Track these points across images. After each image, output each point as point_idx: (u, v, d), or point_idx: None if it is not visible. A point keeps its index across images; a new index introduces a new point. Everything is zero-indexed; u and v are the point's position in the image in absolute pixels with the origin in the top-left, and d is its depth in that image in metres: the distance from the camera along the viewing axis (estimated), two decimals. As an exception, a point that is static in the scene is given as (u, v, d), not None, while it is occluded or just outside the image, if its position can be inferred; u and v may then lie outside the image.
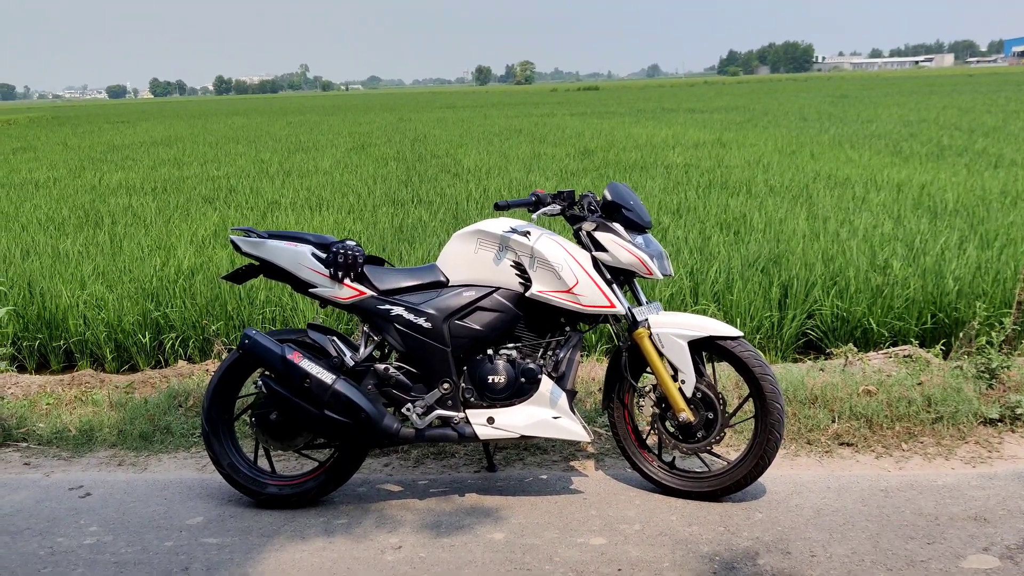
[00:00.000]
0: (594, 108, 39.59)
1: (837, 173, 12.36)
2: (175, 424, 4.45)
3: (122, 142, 26.02)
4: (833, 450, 3.95)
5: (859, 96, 41.36)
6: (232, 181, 14.63)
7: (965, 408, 4.11)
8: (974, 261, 6.53)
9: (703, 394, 3.44)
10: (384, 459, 4.04)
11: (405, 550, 3.19)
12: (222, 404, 3.63)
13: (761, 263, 6.86)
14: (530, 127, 25.99)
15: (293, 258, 3.52)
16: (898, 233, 7.68)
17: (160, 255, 8.13)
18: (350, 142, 23.09)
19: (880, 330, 5.90)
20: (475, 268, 3.51)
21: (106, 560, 3.19)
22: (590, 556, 3.10)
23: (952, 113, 24.87)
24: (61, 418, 4.63)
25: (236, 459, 3.61)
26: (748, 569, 2.98)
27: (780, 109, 31.77)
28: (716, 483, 3.47)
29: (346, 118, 38.06)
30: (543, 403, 3.45)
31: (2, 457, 4.26)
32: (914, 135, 18.17)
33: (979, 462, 3.78)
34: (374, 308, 3.51)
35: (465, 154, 17.87)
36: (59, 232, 10.15)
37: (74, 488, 3.85)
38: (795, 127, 22.02)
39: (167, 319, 6.50)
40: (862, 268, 6.44)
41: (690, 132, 21.53)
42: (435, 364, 3.49)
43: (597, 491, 3.63)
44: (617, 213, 3.50)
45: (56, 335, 6.60)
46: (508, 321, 3.49)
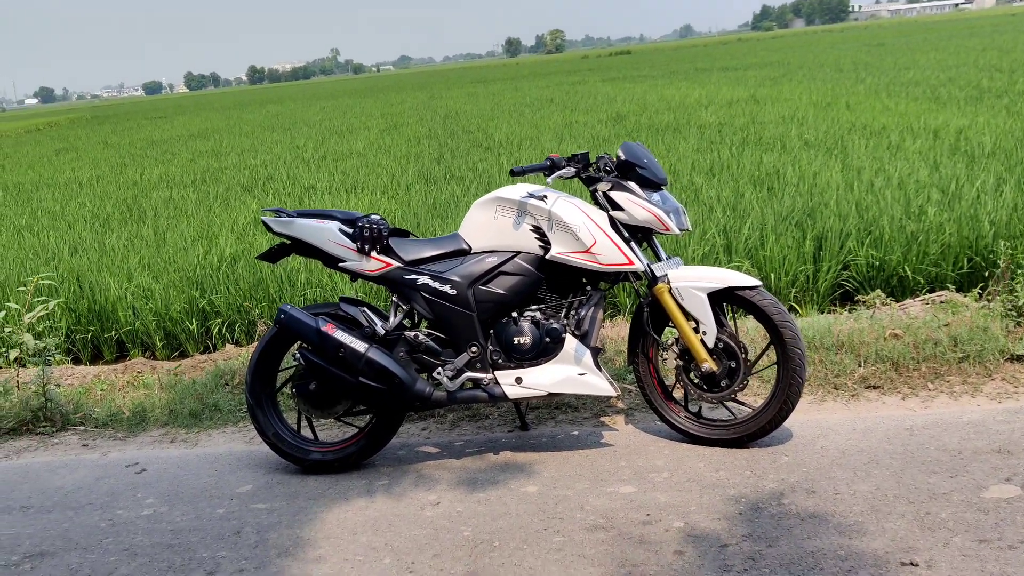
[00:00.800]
0: (626, 72, 39.29)
1: (873, 123, 12.22)
2: (222, 401, 4.65)
3: (160, 137, 26.48)
4: (859, 393, 4.01)
5: (896, 43, 40.50)
6: (269, 169, 14.87)
7: (992, 346, 4.14)
8: (1010, 202, 6.48)
9: (725, 344, 3.52)
10: (421, 423, 4.20)
11: (443, 506, 3.34)
12: (264, 378, 3.80)
13: (795, 217, 6.87)
14: (562, 96, 25.93)
15: (321, 235, 3.66)
16: (934, 179, 7.61)
17: (203, 244, 8.35)
18: (382, 123, 23.25)
19: (916, 277, 5.90)
20: (496, 234, 3.62)
21: (163, 528, 3.38)
22: (619, 504, 3.22)
23: (992, 55, 24.29)
24: (115, 402, 4.85)
25: (280, 429, 3.78)
26: (773, 509, 3.08)
27: (815, 62, 31.27)
28: (742, 430, 3.56)
29: (378, 99, 38.24)
30: (568, 361, 3.56)
31: (62, 441, 4.49)
32: (952, 80, 17.82)
33: (1005, 397, 3.83)
34: (401, 278, 3.65)
35: (496, 127, 17.93)
36: (104, 228, 10.45)
37: (130, 465, 4.06)
38: (831, 79, 21.71)
39: (212, 305, 6.71)
40: (896, 216, 6.42)
41: (723, 91, 21.33)
42: (462, 329, 3.62)
43: (626, 443, 3.74)
44: (632, 172, 3.58)
45: (107, 326, 6.84)
46: (530, 284, 3.60)
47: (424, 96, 37.31)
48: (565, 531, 3.07)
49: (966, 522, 2.87)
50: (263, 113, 35.52)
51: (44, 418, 4.62)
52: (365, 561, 3.00)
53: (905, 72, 21.16)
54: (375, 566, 2.97)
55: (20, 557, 3.27)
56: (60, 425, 4.62)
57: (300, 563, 3.04)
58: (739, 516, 3.06)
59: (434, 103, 30.89)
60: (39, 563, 3.22)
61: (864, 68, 24.58)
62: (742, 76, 27.17)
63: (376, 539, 3.14)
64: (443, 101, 31.42)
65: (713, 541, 2.91)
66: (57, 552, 3.28)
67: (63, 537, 3.40)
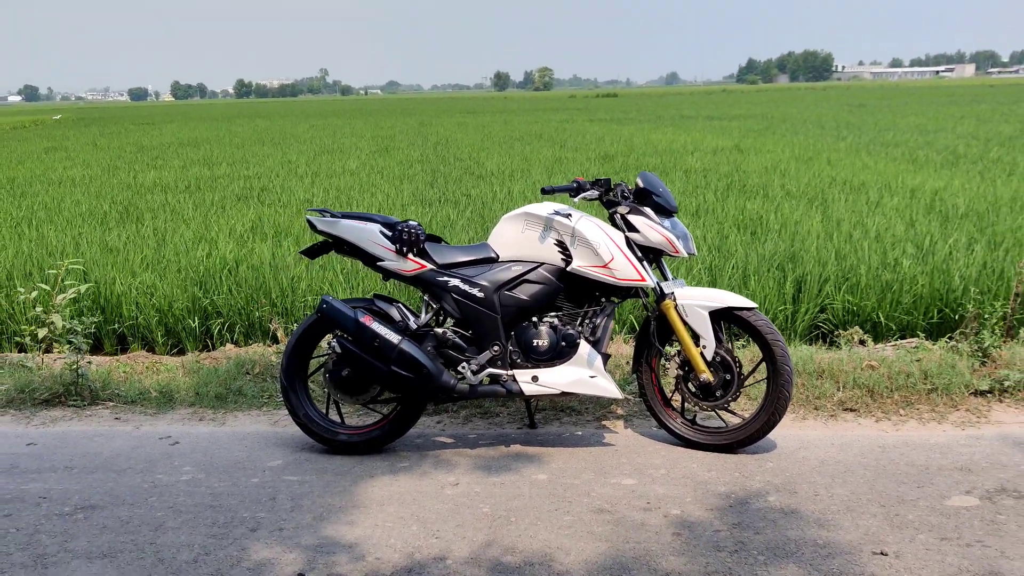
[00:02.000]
0: (613, 114, 40.07)
1: (853, 179, 12.75)
2: (246, 387, 4.96)
3: (150, 143, 26.66)
4: (837, 415, 4.41)
5: (877, 105, 41.66)
6: (263, 180, 15.15)
7: (958, 381, 4.56)
8: (980, 260, 6.93)
9: (722, 358, 3.91)
10: (436, 417, 4.54)
11: (462, 486, 3.68)
12: (299, 362, 4.13)
13: (776, 260, 7.28)
14: (550, 132, 26.49)
15: (363, 235, 4.02)
16: (909, 235, 8.07)
17: (203, 247, 8.63)
18: (373, 145, 23.63)
19: (889, 323, 6.31)
20: (522, 246, 4.00)
21: (203, 492, 3.69)
22: (622, 493, 3.58)
23: (969, 123, 25.19)
24: (142, 382, 5.14)
25: (311, 411, 4.11)
26: (759, 504, 3.45)
27: (798, 117, 32.15)
28: (732, 437, 3.94)
29: (367, 122, 38.69)
30: (581, 364, 3.93)
31: (94, 413, 4.78)
32: (930, 143, 18.53)
33: (968, 425, 4.24)
34: (434, 279, 4.01)
35: (488, 157, 18.36)
36: (102, 226, 10.67)
37: (163, 438, 4.36)
38: (813, 135, 22.42)
39: (214, 305, 6.98)
40: (873, 266, 6.84)
41: (709, 139, 21.96)
42: (487, 329, 3.98)
43: (627, 444, 4.11)
44: (648, 199, 3.99)
45: (110, 319, 7.10)
46: (551, 292, 3.98)
47: (414, 122, 37.81)
48: (574, 512, 3.42)
49: (930, 523, 3.26)
50: (252, 127, 35.81)
51: (75, 392, 4.91)
52: (394, 527, 3.34)
53: (885, 133, 21.93)
54: (403, 532, 3.30)
55: (72, 508, 3.57)
56: (90, 400, 4.90)
57: (334, 525, 3.36)
58: (729, 508, 3.43)
59: (424, 130, 31.37)
60: (91, 514, 3.51)
61: (846, 127, 25.38)
62: (727, 126, 27.91)
63: (402, 510, 3.48)
64: (433, 128, 31.91)
65: (706, 527, 3.28)
66: (106, 506, 3.58)
67: (110, 494, 3.70)
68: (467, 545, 3.20)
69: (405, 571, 3.03)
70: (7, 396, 4.95)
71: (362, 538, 3.26)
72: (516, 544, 3.19)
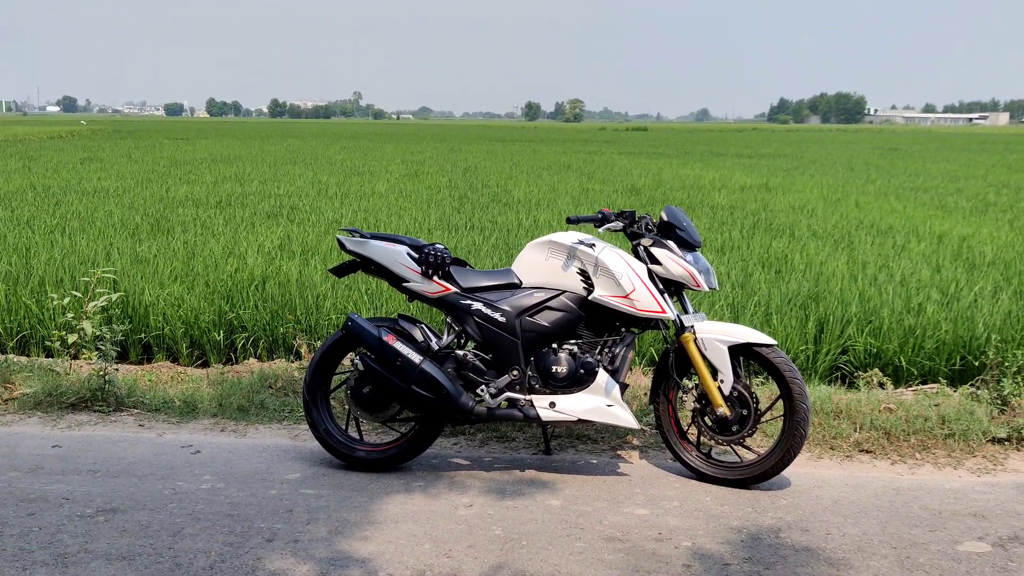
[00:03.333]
0: (642, 148, 40.23)
1: (880, 222, 12.75)
2: (268, 400, 5.04)
3: (183, 158, 27.06)
4: (853, 456, 4.42)
5: (909, 150, 41.55)
6: (294, 199, 15.34)
7: (976, 427, 4.56)
8: (1005, 309, 6.90)
9: (739, 393, 3.94)
10: (452, 439, 4.59)
11: (475, 508, 3.73)
12: (322, 378, 4.21)
13: (800, 300, 7.29)
14: (579, 163, 26.65)
15: (391, 256, 4.10)
16: (935, 280, 8.06)
17: (232, 262, 8.76)
18: (403, 169, 23.86)
19: (910, 368, 6.30)
20: (545, 273, 4.07)
21: (222, 500, 3.76)
22: (634, 522, 3.61)
23: (1001, 171, 25.09)
24: (166, 392, 5.24)
25: (331, 426, 4.18)
26: (771, 540, 3.47)
27: (828, 158, 32.14)
28: (747, 472, 3.96)
29: (398, 146, 39.07)
30: (599, 392, 3.98)
31: (119, 420, 4.87)
32: (960, 190, 18.48)
33: (984, 472, 4.24)
34: (457, 302, 4.08)
35: (515, 185, 18.49)
36: (133, 237, 10.85)
37: (185, 447, 4.44)
38: (842, 176, 22.41)
39: (239, 320, 7.07)
40: (896, 309, 6.83)
41: (737, 176, 22.01)
42: (507, 353, 4.04)
43: (641, 474, 4.14)
44: (671, 232, 4.05)
45: (137, 329, 7.22)
46: (572, 320, 4.04)
47: (444, 148, 38.14)
48: (586, 539, 3.45)
49: (941, 568, 3.26)
50: (284, 147, 36.25)
51: (101, 398, 5.01)
52: (407, 545, 3.38)
53: (915, 178, 21.87)
54: (416, 549, 3.35)
55: (94, 511, 3.65)
56: (115, 406, 5.00)
57: (348, 540, 3.41)
58: (740, 543, 3.45)
59: (454, 156, 31.63)
60: (111, 517, 3.59)
61: (875, 169, 25.34)
62: (756, 164, 27.95)
63: (416, 528, 3.52)
64: (463, 155, 32.17)
65: (717, 559, 3.30)
66: (127, 510, 3.66)
67: (131, 498, 3.77)
68: (478, 566, 3.24)
69: (416, 588, 3.07)
70: (35, 399, 5.06)
71: (375, 554, 3.31)
72: (527, 567, 3.23)
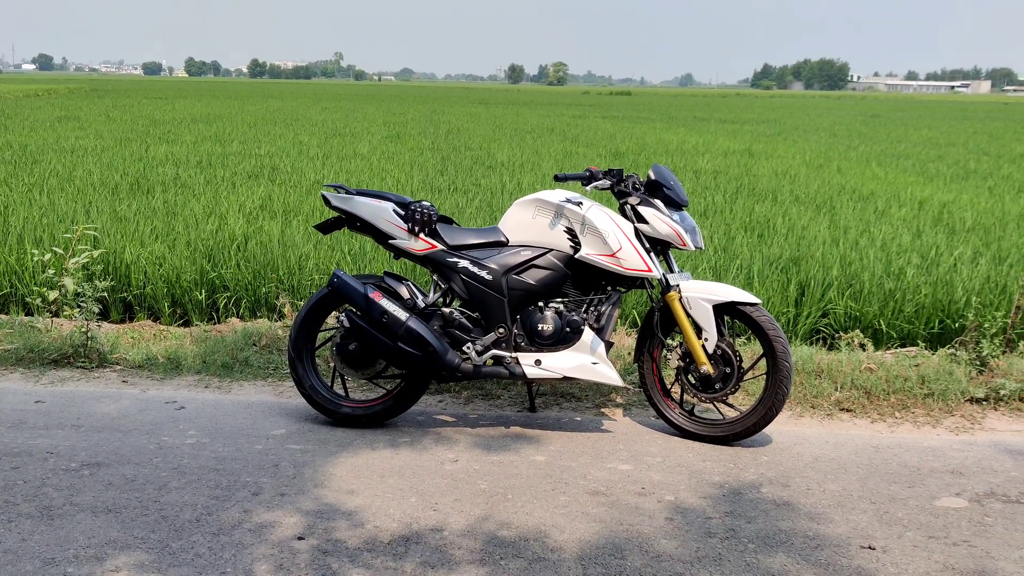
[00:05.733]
0: (626, 112, 40.07)
1: (862, 188, 12.80)
2: (252, 358, 5.03)
3: (162, 117, 26.71)
4: (834, 414, 4.47)
5: (891, 116, 41.63)
6: (274, 160, 15.19)
7: (955, 387, 4.62)
8: (984, 273, 6.97)
9: (723, 351, 3.97)
10: (438, 396, 4.61)
11: (461, 463, 3.75)
12: (307, 334, 4.20)
13: (781, 263, 7.33)
14: (562, 127, 26.52)
15: (377, 213, 4.08)
16: (915, 245, 8.12)
17: (213, 221, 8.68)
18: (385, 131, 23.66)
19: (890, 331, 6.37)
20: (532, 231, 4.06)
21: (207, 455, 3.77)
22: (618, 477, 3.65)
23: (982, 139, 25.19)
24: (149, 348, 5.22)
25: (317, 383, 4.19)
26: (752, 495, 3.52)
27: (811, 124, 32.15)
28: (729, 429, 4.01)
29: (380, 107, 38.72)
30: (584, 350, 4.00)
31: (102, 376, 4.85)
32: (941, 157, 18.55)
33: (962, 431, 4.30)
34: (443, 260, 4.07)
35: (499, 148, 18.39)
36: (113, 196, 10.73)
37: (169, 402, 4.44)
38: (825, 142, 22.44)
39: (221, 279, 7.03)
40: (877, 273, 6.89)
41: (720, 141, 21.99)
42: (493, 311, 4.05)
43: (624, 431, 4.17)
44: (658, 191, 4.05)
45: (118, 288, 7.16)
46: (558, 279, 4.04)
47: (426, 110, 37.84)
48: (570, 493, 3.49)
49: (919, 522, 3.32)
50: (265, 107, 35.86)
51: (84, 354, 4.98)
52: (393, 498, 3.41)
53: (897, 145, 21.94)
54: (402, 503, 3.37)
55: (79, 465, 3.64)
56: (98, 363, 4.98)
57: (335, 493, 3.43)
58: (722, 497, 3.50)
59: (436, 118, 31.40)
60: (96, 471, 3.59)
61: (858, 136, 25.39)
62: (739, 129, 27.92)
63: (402, 482, 3.55)
64: (445, 117, 31.94)
65: (699, 513, 3.35)
66: (112, 464, 3.66)
67: (115, 453, 3.77)
68: (464, 519, 3.27)
69: (403, 540, 3.10)
70: (17, 355, 5.03)
71: (362, 507, 3.33)
72: (512, 520, 3.26)
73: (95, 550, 2.99)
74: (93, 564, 2.90)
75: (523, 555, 3.02)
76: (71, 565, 2.89)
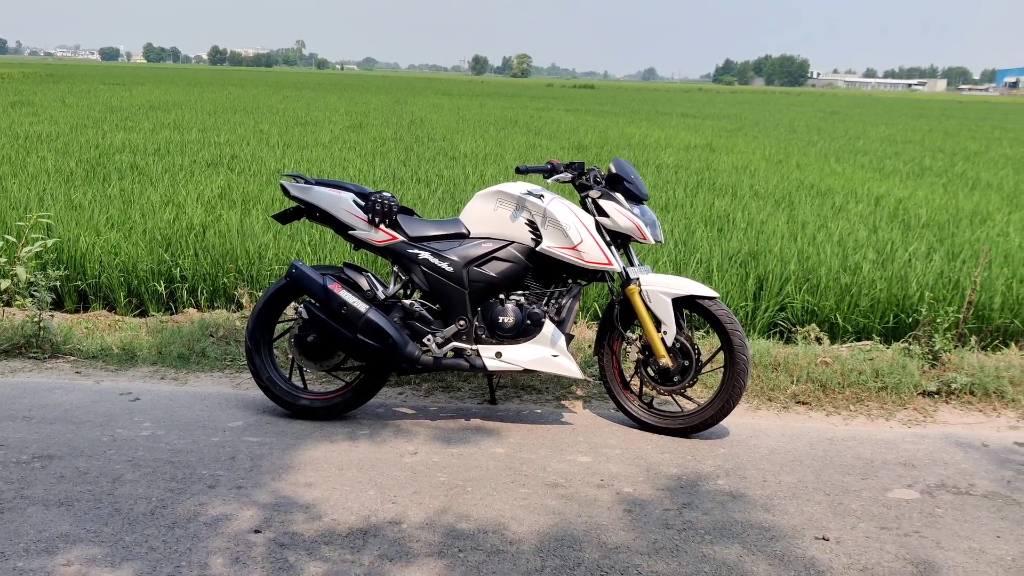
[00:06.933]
0: (589, 106, 40.15)
1: (820, 183, 12.94)
2: (209, 349, 4.97)
3: (119, 104, 26.25)
4: (790, 407, 4.53)
5: (849, 113, 42.15)
6: (234, 148, 15.01)
7: (908, 381, 4.70)
8: (937, 269, 7.09)
9: (681, 344, 4.00)
10: (398, 388, 4.59)
11: (420, 455, 3.74)
12: (265, 325, 4.16)
13: (740, 258, 7.40)
14: (526, 119, 26.50)
15: (336, 203, 4.05)
16: (871, 240, 8.23)
17: (171, 210, 8.56)
18: (347, 120, 23.48)
19: (846, 325, 6.45)
20: (493, 223, 4.05)
21: (162, 447, 3.72)
22: (577, 469, 3.66)
23: (937, 136, 25.61)
24: (104, 339, 5.13)
25: (274, 375, 4.15)
26: (709, 487, 3.55)
27: (771, 120, 32.46)
28: (687, 421, 4.04)
29: (342, 96, 38.42)
30: (545, 343, 4.00)
31: (54, 366, 4.77)
32: (898, 154, 18.83)
33: (915, 424, 4.38)
34: (404, 251, 4.05)
35: (462, 140, 18.34)
36: (68, 184, 10.53)
37: (124, 394, 4.37)
38: (784, 138, 22.66)
39: (179, 269, 6.93)
40: (833, 268, 6.98)
41: (682, 135, 22.12)
42: (454, 303, 4.04)
43: (584, 424, 4.19)
44: (619, 184, 4.06)
45: (72, 277, 7.03)
46: (519, 271, 4.04)
47: (388, 100, 37.60)
48: (529, 485, 3.50)
49: (871, 513, 3.37)
50: (225, 94, 35.40)
51: (36, 345, 4.89)
52: (352, 491, 3.39)
53: (855, 141, 22.23)
54: (361, 496, 3.35)
55: (29, 457, 3.58)
56: (51, 353, 4.89)
57: (292, 486, 3.41)
58: (680, 489, 3.52)
59: (399, 108, 31.22)
60: (48, 463, 3.53)
61: (817, 132, 25.69)
62: (700, 124, 28.11)
63: (360, 475, 3.53)
64: (408, 107, 31.77)
65: (656, 505, 3.37)
66: (64, 456, 3.60)
67: (68, 445, 3.71)
68: (423, 511, 3.26)
69: (360, 533, 3.08)
70: (-34, 345, 4.92)
71: (319, 499, 3.31)
72: (471, 512, 3.26)
73: (46, 543, 2.94)
74: (44, 558, 2.85)
75: (482, 547, 3.02)
76: (21, 559, 2.84)
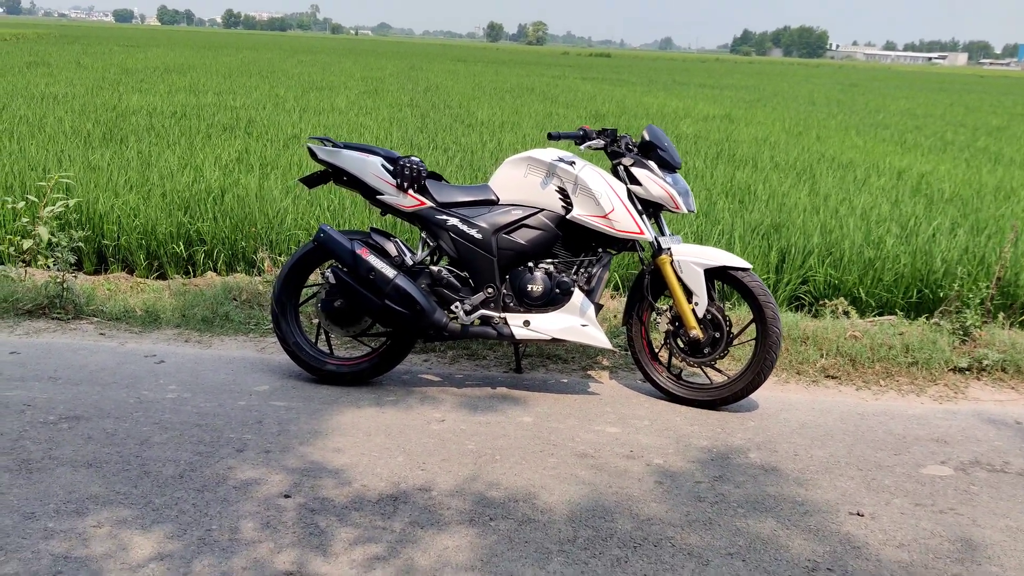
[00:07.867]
0: (606, 75, 39.80)
1: (841, 156, 12.80)
2: (233, 313, 4.94)
3: (134, 66, 26.14)
4: (819, 381, 4.48)
5: (869, 86, 41.68)
6: (250, 112, 14.93)
7: (939, 356, 4.64)
8: (962, 244, 7.01)
9: (712, 316, 3.95)
10: (424, 355, 4.56)
11: (448, 423, 3.71)
12: (291, 290, 4.12)
13: (762, 230, 7.32)
14: (542, 87, 26.29)
15: (364, 167, 3.99)
16: (894, 214, 8.13)
17: (189, 173, 8.51)
18: (363, 85, 23.34)
19: (869, 300, 6.39)
20: (523, 190, 3.99)
21: (189, 410, 3.70)
22: (606, 440, 3.63)
23: (959, 111, 25.30)
24: (127, 301, 5.11)
25: (301, 339, 4.11)
26: (739, 460, 3.51)
27: (790, 92, 32.12)
28: (716, 394, 4.00)
29: (357, 61, 38.16)
30: (573, 312, 3.95)
31: (78, 327, 4.75)
32: (919, 128, 18.60)
33: (946, 400, 4.32)
34: (432, 217, 4.00)
35: (478, 107, 18.21)
36: (86, 145, 10.49)
37: (148, 356, 4.35)
38: (803, 110, 22.42)
39: (198, 233, 6.90)
40: (856, 242, 6.89)
41: (700, 106, 21.90)
42: (482, 270, 3.99)
43: (612, 394, 4.15)
44: (652, 152, 3.99)
45: (91, 238, 7.01)
46: (548, 239, 3.98)
47: (404, 66, 37.34)
48: (559, 455, 3.47)
49: (905, 489, 3.33)
50: (239, 58, 35.22)
51: (59, 306, 4.87)
52: (380, 457, 3.37)
53: (876, 115, 21.98)
54: (389, 461, 3.33)
55: (57, 418, 3.56)
56: (74, 314, 4.87)
57: (320, 451, 3.38)
58: (711, 461, 3.49)
59: (415, 74, 31.00)
60: (75, 424, 3.51)
61: (836, 104, 25.41)
62: (719, 95, 27.83)
63: (389, 441, 3.50)
64: (424, 74, 31.55)
65: (688, 477, 3.34)
66: (91, 418, 3.58)
67: (95, 406, 3.69)
68: (452, 478, 3.23)
69: (391, 499, 3.06)
70: (-11, 304, 4.91)
71: (348, 465, 3.29)
72: (500, 480, 3.23)
73: (76, 505, 2.93)
74: (74, 519, 2.84)
75: (512, 516, 3.00)
76: (51, 520, 2.83)
